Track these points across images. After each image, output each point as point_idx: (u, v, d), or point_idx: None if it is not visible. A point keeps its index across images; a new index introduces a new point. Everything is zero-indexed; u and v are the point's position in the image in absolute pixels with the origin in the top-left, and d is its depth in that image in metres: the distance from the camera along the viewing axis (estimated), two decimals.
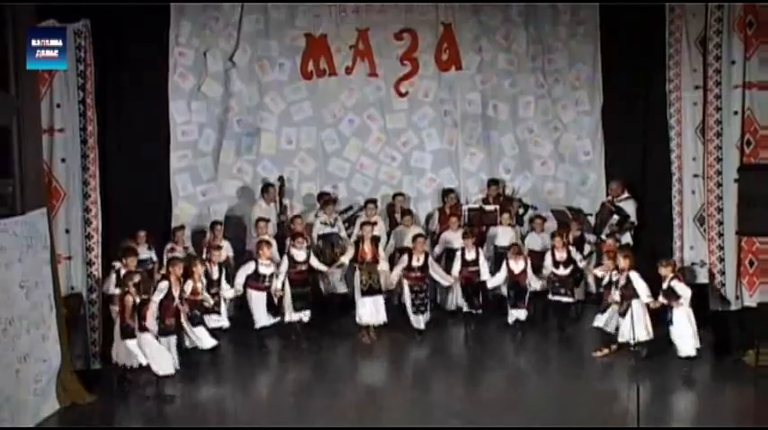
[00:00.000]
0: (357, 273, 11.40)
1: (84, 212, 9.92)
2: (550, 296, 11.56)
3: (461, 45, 13.41)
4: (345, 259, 11.60)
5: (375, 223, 11.97)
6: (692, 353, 9.83)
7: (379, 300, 11.31)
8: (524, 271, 11.41)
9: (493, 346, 11.27)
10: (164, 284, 9.81)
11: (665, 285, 9.94)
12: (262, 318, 11.11)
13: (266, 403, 9.72)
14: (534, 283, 11.44)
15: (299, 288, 11.26)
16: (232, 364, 10.82)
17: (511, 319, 11.45)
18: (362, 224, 11.73)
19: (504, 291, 11.82)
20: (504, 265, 11.54)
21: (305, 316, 11.27)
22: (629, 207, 12.23)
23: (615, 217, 12.10)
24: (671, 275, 9.93)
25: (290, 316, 11.23)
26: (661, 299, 9.94)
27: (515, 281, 11.45)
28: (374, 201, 12.69)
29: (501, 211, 12.66)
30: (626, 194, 12.36)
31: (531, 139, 13.62)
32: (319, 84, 13.28)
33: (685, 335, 9.83)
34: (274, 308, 11.22)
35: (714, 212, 10.44)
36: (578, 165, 13.57)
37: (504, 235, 12.30)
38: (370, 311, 11.24)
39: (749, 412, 9.00)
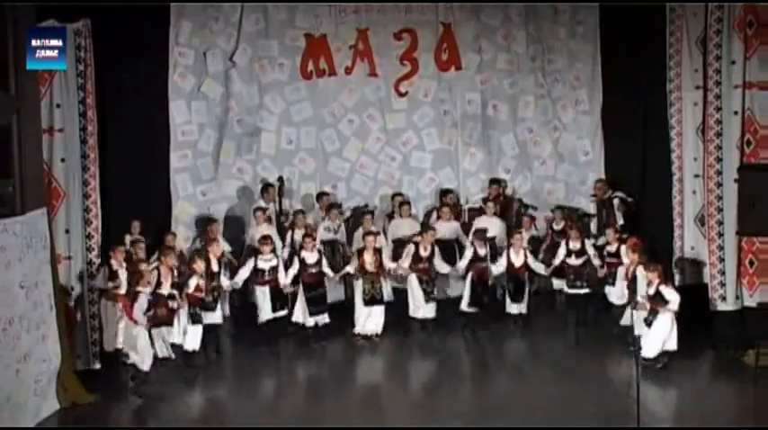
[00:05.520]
0: (360, 282, 11.35)
1: (83, 212, 9.93)
2: (567, 289, 11.60)
3: (461, 45, 13.43)
4: (351, 269, 11.54)
5: (378, 233, 11.91)
6: (653, 355, 9.78)
7: (379, 311, 11.29)
8: (524, 265, 11.48)
9: (494, 346, 11.28)
10: (154, 274, 9.88)
11: (651, 290, 9.89)
12: (265, 313, 11.10)
13: (268, 404, 9.69)
14: (537, 268, 11.57)
15: (314, 290, 11.21)
16: (234, 364, 10.83)
17: (509, 310, 11.56)
18: (365, 234, 11.63)
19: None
20: (504, 256, 11.58)
21: (322, 319, 11.21)
22: (620, 197, 12.33)
23: (616, 201, 12.15)
24: (657, 280, 9.87)
25: (306, 319, 11.18)
26: (648, 303, 9.88)
27: (515, 274, 11.50)
28: (371, 213, 12.63)
29: (501, 211, 12.69)
30: (611, 192, 12.44)
31: (531, 139, 13.65)
32: (319, 84, 13.29)
33: (657, 338, 9.77)
34: (279, 301, 11.16)
35: (714, 212, 10.43)
36: (578, 164, 13.60)
37: (490, 225, 12.24)
38: (371, 321, 11.24)
39: (749, 412, 8.99)
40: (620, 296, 10.85)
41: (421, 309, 11.45)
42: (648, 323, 9.83)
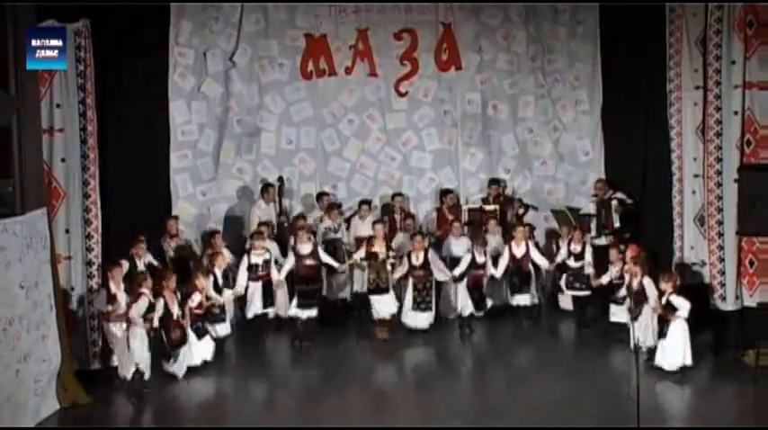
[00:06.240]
0: (366, 271, 11.39)
1: (83, 212, 9.93)
2: (566, 290, 11.59)
3: (461, 45, 13.43)
4: (357, 256, 11.60)
5: (385, 222, 11.94)
6: (676, 368, 9.65)
7: (387, 297, 11.33)
8: (526, 255, 11.51)
9: (493, 345, 11.28)
10: (159, 304, 9.77)
11: (663, 299, 9.80)
12: (254, 308, 11.18)
13: (268, 404, 9.72)
14: (542, 263, 11.64)
15: (307, 284, 11.24)
16: (234, 364, 10.83)
17: (515, 303, 11.60)
18: (374, 223, 11.73)
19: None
20: (506, 251, 11.61)
21: (309, 314, 11.21)
22: (618, 198, 12.34)
23: (614, 202, 12.16)
24: (670, 290, 9.76)
25: (294, 311, 11.21)
26: (660, 311, 9.83)
27: (518, 265, 11.54)
28: (368, 202, 12.70)
29: (501, 211, 12.69)
30: (611, 192, 12.44)
31: (531, 139, 13.65)
32: (319, 84, 13.29)
33: (675, 349, 9.64)
34: (269, 297, 11.21)
35: (714, 212, 10.44)
36: (578, 165, 13.60)
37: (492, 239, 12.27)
38: (383, 307, 11.31)
39: (749, 412, 9.00)
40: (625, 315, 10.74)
41: (410, 315, 11.43)
42: (662, 334, 9.73)
